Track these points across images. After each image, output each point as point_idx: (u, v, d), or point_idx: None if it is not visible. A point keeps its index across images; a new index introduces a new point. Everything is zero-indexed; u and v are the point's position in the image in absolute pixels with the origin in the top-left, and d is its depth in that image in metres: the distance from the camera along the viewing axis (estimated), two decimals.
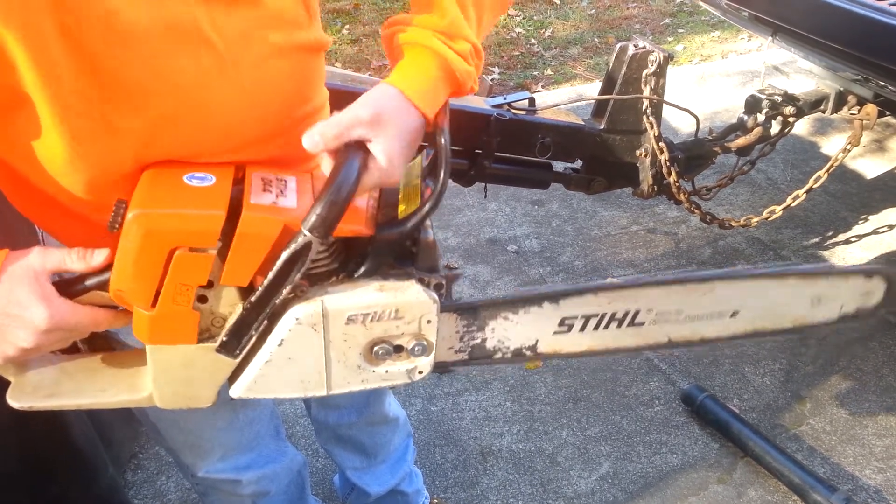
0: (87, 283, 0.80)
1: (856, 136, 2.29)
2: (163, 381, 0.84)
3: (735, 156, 2.28)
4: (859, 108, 2.34)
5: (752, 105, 2.26)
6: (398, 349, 0.87)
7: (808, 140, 3.29)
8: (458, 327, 0.99)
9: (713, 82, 3.85)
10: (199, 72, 0.78)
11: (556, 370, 2.22)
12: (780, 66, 3.44)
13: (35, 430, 1.46)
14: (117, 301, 0.80)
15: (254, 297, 0.78)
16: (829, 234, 2.75)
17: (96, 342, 0.91)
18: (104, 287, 0.79)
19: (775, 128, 2.28)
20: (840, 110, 2.40)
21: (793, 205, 2.26)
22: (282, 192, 0.79)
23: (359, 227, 0.81)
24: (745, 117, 2.24)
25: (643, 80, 1.96)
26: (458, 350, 1.01)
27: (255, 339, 0.82)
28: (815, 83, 2.44)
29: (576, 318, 1.03)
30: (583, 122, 2.03)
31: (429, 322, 0.86)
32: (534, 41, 4.44)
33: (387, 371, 0.88)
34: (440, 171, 0.82)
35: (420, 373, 0.89)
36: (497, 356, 1.03)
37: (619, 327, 1.06)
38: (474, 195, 2.97)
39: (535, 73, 4.13)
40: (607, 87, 2.04)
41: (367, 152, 0.79)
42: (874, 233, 2.73)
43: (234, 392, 0.86)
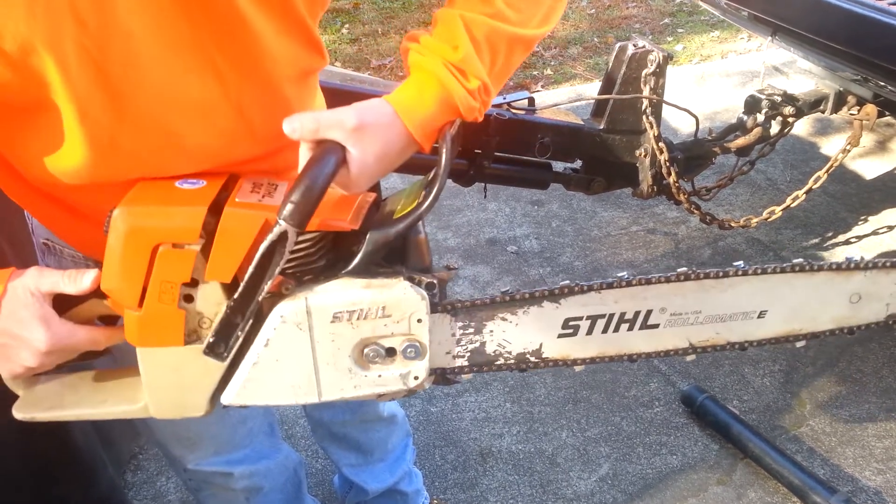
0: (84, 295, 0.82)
1: (855, 137, 2.29)
2: (154, 388, 0.84)
3: (734, 156, 2.28)
4: (859, 108, 2.34)
5: (751, 105, 2.25)
6: (390, 352, 0.85)
7: (807, 140, 3.29)
8: (454, 329, 0.94)
9: (712, 82, 3.84)
10: (205, 96, 0.80)
11: (556, 371, 2.22)
12: (780, 66, 3.44)
13: (36, 431, 1.45)
14: (113, 306, 0.81)
15: (236, 294, 0.77)
16: (829, 234, 2.75)
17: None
18: (102, 294, 0.80)
19: (775, 128, 2.28)
20: (840, 110, 2.39)
21: (792, 205, 2.26)
22: (269, 193, 0.80)
23: (342, 222, 0.80)
24: (745, 117, 2.24)
25: (643, 79, 1.96)
26: (457, 355, 0.96)
27: (241, 339, 0.81)
28: (815, 83, 2.43)
29: (581, 319, 0.96)
30: (582, 122, 2.03)
31: (419, 321, 0.84)
32: None
33: (379, 376, 0.86)
34: (438, 174, 0.81)
35: (416, 378, 0.87)
36: (499, 362, 0.97)
37: (630, 330, 0.99)
38: (474, 195, 2.97)
39: (535, 72, 4.12)
40: (607, 87, 2.04)
41: (346, 151, 0.79)
42: (874, 234, 2.73)
43: (226, 399, 0.85)
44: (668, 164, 2.03)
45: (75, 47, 0.71)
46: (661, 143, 2.00)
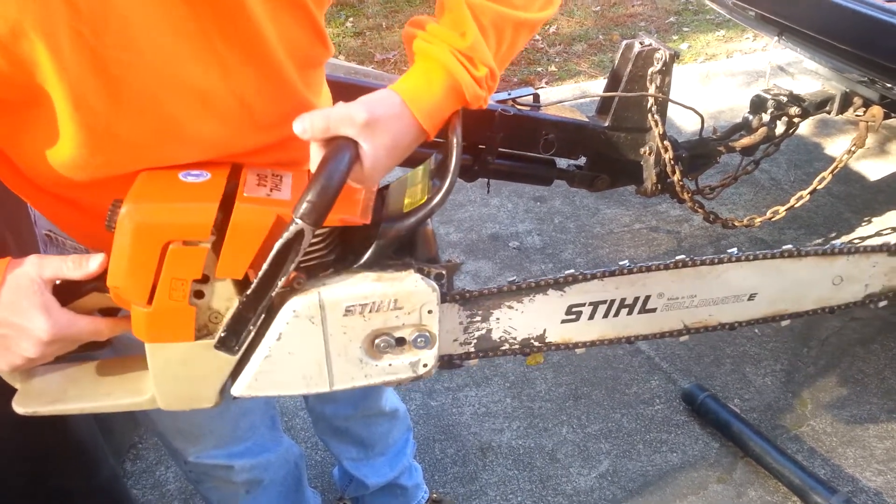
0: (86, 286, 0.81)
1: (861, 138, 2.29)
2: (163, 381, 0.83)
3: (739, 155, 2.28)
4: (865, 109, 2.34)
5: (757, 105, 2.25)
6: (400, 342, 0.86)
7: (812, 141, 3.29)
8: (462, 318, 0.97)
9: (717, 81, 3.84)
10: (205, 81, 0.78)
11: (557, 367, 2.22)
12: (785, 66, 3.43)
13: (36, 421, 1.45)
14: (116, 301, 0.80)
15: (249, 290, 0.77)
16: (832, 235, 2.75)
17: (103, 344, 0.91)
18: (103, 288, 0.79)
19: (780, 128, 2.28)
20: (845, 112, 2.39)
21: (796, 206, 2.25)
22: (276, 187, 0.79)
23: (352, 216, 0.80)
24: (750, 117, 2.23)
25: (648, 77, 1.96)
26: (464, 342, 0.99)
27: (253, 334, 0.81)
28: (821, 84, 2.43)
29: (584, 305, 1.01)
30: (587, 119, 2.03)
31: (430, 312, 0.84)
32: (538, 37, 4.42)
33: (390, 364, 0.87)
34: (449, 167, 0.81)
35: (425, 366, 0.88)
36: (504, 347, 1.01)
37: (629, 314, 1.04)
38: (476, 191, 2.97)
39: (539, 69, 4.12)
40: (612, 85, 2.03)
41: (359, 146, 0.79)
42: (877, 235, 2.72)
43: (236, 391, 0.85)
44: (672, 162, 2.02)
45: (69, 31, 0.69)
46: (665, 142, 2.00)
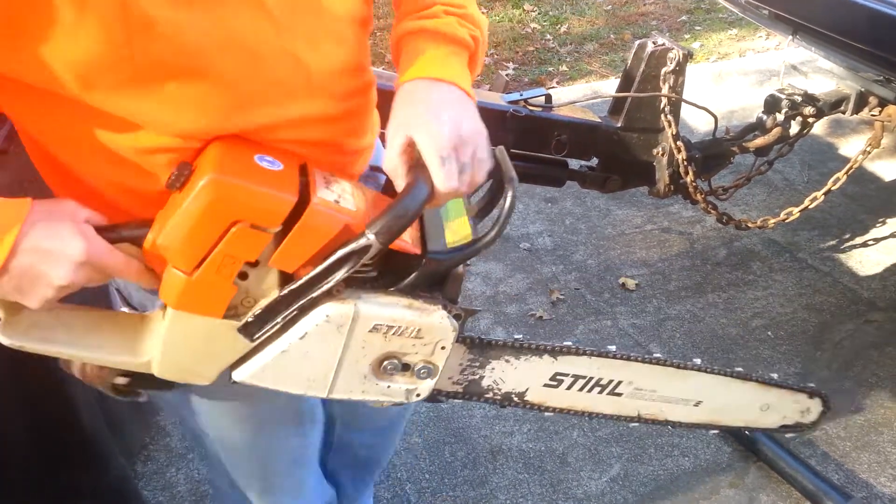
0: (122, 234, 0.79)
1: (876, 138, 2.26)
2: (173, 349, 0.83)
3: (752, 156, 2.26)
4: (880, 109, 2.31)
5: (771, 105, 2.23)
6: (405, 367, 0.90)
7: (826, 141, 3.25)
8: (463, 360, 1.05)
9: (730, 81, 3.81)
10: (256, 36, 0.78)
11: None
12: (799, 65, 3.40)
13: (46, 420, 1.46)
14: (148, 260, 0.80)
15: (294, 285, 0.80)
16: (847, 236, 2.72)
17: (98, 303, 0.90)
18: (137, 241, 0.79)
19: (794, 128, 2.26)
20: (860, 111, 2.36)
21: (810, 207, 2.23)
22: (342, 195, 0.82)
23: (410, 245, 0.84)
24: (764, 117, 2.21)
25: (662, 77, 1.94)
26: (456, 382, 1.07)
27: (278, 327, 0.83)
28: (835, 83, 2.40)
29: (567, 375, 1.12)
30: (599, 120, 2.01)
31: (443, 348, 0.89)
32: (549, 37, 4.41)
33: (388, 386, 0.91)
34: (504, 215, 0.86)
35: (418, 395, 0.92)
36: (488, 395, 1.10)
37: (599, 393, 1.15)
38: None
39: (550, 69, 4.10)
40: (625, 85, 2.02)
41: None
42: (892, 236, 2.70)
43: (238, 376, 0.86)
44: (685, 163, 2.01)
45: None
46: (679, 142, 1.98)
